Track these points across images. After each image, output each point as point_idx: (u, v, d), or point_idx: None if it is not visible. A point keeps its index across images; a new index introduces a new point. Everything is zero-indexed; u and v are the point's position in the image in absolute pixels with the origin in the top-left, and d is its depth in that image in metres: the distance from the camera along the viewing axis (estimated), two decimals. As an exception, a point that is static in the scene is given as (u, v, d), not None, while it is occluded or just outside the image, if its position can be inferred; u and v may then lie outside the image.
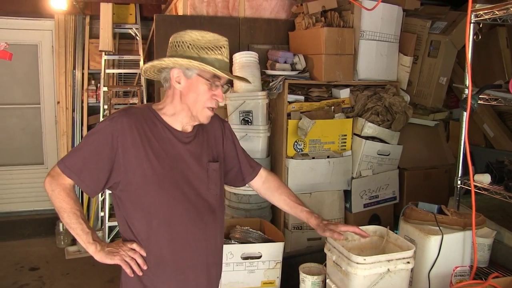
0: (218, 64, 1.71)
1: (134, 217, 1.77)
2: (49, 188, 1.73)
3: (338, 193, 3.67)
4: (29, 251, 5.15)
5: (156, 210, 1.75)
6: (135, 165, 1.71)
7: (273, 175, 2.18)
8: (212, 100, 1.77)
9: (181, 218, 1.79)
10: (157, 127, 1.78)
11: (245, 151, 2.14)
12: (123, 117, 1.73)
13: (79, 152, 1.73)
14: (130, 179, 1.72)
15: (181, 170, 1.80)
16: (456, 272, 2.17)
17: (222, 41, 1.75)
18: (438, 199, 2.60)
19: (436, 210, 2.24)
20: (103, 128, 1.71)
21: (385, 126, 3.62)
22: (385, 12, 3.56)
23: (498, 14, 2.22)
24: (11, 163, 5.90)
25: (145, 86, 5.47)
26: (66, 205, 1.72)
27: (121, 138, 1.69)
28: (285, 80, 3.42)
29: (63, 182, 1.72)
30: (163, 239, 1.78)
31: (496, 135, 3.95)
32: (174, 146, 1.80)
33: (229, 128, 2.08)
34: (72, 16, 5.61)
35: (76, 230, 1.74)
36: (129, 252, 1.76)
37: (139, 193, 1.73)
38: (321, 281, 2.16)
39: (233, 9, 3.97)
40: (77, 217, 1.73)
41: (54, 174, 1.73)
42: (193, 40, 1.73)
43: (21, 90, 5.89)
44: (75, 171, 1.70)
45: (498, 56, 3.82)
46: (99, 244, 1.75)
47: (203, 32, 1.74)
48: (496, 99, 2.36)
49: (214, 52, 1.72)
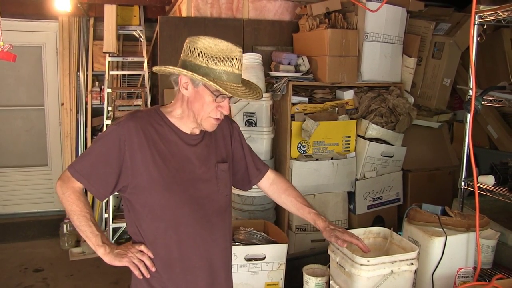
0: (226, 77, 1.67)
1: (143, 220, 1.79)
2: (60, 191, 1.77)
3: (342, 195, 3.67)
4: (33, 252, 5.16)
5: (163, 213, 1.77)
6: (142, 169, 1.73)
7: (280, 177, 2.16)
8: (217, 111, 1.75)
9: (188, 220, 1.79)
10: (164, 130, 1.79)
11: (253, 152, 2.12)
12: (129, 121, 1.74)
13: (88, 156, 1.77)
14: (138, 182, 1.74)
15: (188, 172, 1.80)
16: (460, 274, 2.17)
17: (236, 52, 1.69)
18: (442, 200, 2.60)
19: (440, 211, 2.24)
20: (111, 132, 1.74)
21: (389, 128, 3.61)
22: (389, 14, 3.56)
23: (502, 15, 2.22)
24: (16, 164, 5.92)
25: (149, 87, 5.48)
26: (76, 208, 1.76)
27: (128, 142, 1.71)
28: (289, 81, 3.43)
29: (73, 186, 1.76)
30: (171, 241, 1.79)
31: (500, 137, 3.94)
32: (180, 149, 1.80)
33: (237, 129, 2.07)
34: (76, 18, 5.63)
35: (85, 232, 1.76)
36: (137, 254, 1.77)
37: (146, 196, 1.75)
38: (324, 282, 2.16)
39: (237, 11, 3.97)
40: (87, 219, 1.77)
41: (64, 178, 1.77)
42: (205, 48, 1.67)
43: (26, 92, 5.91)
44: (84, 175, 1.73)
45: (502, 57, 3.81)
46: (108, 247, 1.77)
47: (217, 40, 1.68)
48: (500, 101, 2.36)
49: (224, 63, 1.67)
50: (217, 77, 1.66)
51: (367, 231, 2.18)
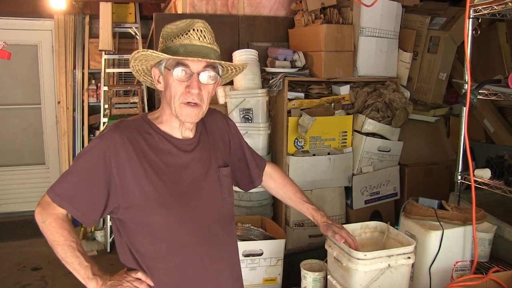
0: (183, 49, 1.51)
1: (140, 243, 1.57)
2: (40, 219, 1.55)
3: (339, 190, 3.67)
4: (31, 251, 5.15)
5: (163, 233, 1.56)
6: (133, 185, 1.52)
7: (277, 171, 2.05)
8: (186, 94, 1.53)
9: (192, 238, 1.59)
10: (154, 139, 1.60)
11: (251, 149, 1.99)
12: (114, 133, 1.54)
13: (69, 176, 1.54)
14: (131, 202, 1.53)
15: (187, 183, 1.61)
16: (457, 267, 2.18)
17: (195, 25, 1.54)
18: (438, 194, 2.60)
19: (437, 205, 2.25)
20: (93, 147, 1.53)
21: (385, 123, 3.62)
22: (384, 9, 3.56)
23: (497, 9, 2.22)
24: (13, 163, 5.92)
25: (145, 85, 5.46)
26: (60, 237, 1.53)
27: (114, 156, 1.51)
28: (285, 77, 3.42)
29: (55, 212, 1.53)
30: (174, 265, 1.59)
31: (496, 130, 3.95)
32: (175, 157, 1.61)
33: (234, 126, 1.90)
34: (72, 16, 5.62)
35: (73, 265, 1.54)
36: (134, 282, 1.56)
37: (141, 216, 1.54)
38: (322, 277, 2.17)
39: (232, 7, 3.96)
40: (73, 249, 1.53)
41: (44, 203, 1.55)
42: (167, 33, 1.57)
43: (22, 91, 5.90)
44: (66, 199, 1.51)
45: (497, 51, 3.82)
46: (101, 279, 1.54)
47: (179, 21, 1.57)
48: (495, 94, 2.36)
49: (180, 37, 1.53)
50: (173, 53, 1.52)
51: (364, 226, 2.18)
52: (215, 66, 1.58)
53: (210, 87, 1.59)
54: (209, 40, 1.56)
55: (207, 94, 1.59)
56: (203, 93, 1.56)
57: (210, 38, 1.57)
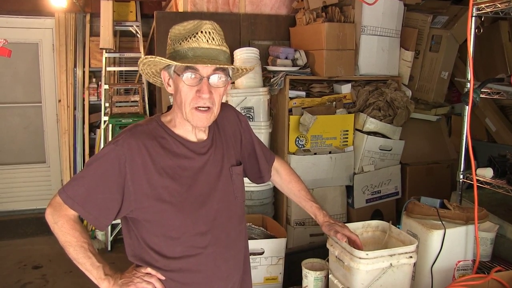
0: (192, 53, 1.50)
1: (153, 242, 1.59)
2: (51, 220, 1.56)
3: (340, 189, 3.67)
4: (32, 249, 5.15)
5: (178, 236, 1.58)
6: (148, 191, 1.53)
7: (284, 166, 2.05)
8: (197, 99, 1.53)
9: (207, 240, 1.62)
10: (169, 143, 1.59)
11: (261, 143, 1.97)
12: (130, 139, 1.53)
13: (83, 180, 1.54)
14: (144, 207, 1.55)
15: (202, 185, 1.62)
16: (458, 266, 2.17)
17: (203, 27, 1.52)
18: (440, 194, 2.60)
19: (439, 204, 2.24)
20: (108, 152, 1.52)
21: (387, 121, 3.61)
22: (386, 7, 3.55)
23: (500, 7, 2.21)
24: (14, 162, 5.90)
25: (146, 83, 5.47)
26: (72, 238, 1.55)
27: (130, 163, 1.51)
28: (286, 76, 3.42)
29: (66, 213, 1.54)
30: (188, 267, 1.61)
31: (498, 130, 3.95)
32: (191, 161, 1.61)
33: (245, 122, 1.89)
34: (73, 14, 5.60)
35: (85, 265, 1.56)
36: (144, 277, 1.58)
37: (156, 220, 1.56)
38: (323, 276, 2.16)
39: (233, 5, 3.95)
40: (85, 250, 1.56)
41: (55, 204, 1.55)
42: (175, 35, 1.55)
43: (23, 89, 5.89)
44: (79, 202, 1.52)
45: (500, 50, 3.81)
46: (112, 278, 1.57)
47: (186, 22, 1.55)
48: (498, 93, 2.35)
49: (188, 40, 1.51)
50: (182, 57, 1.51)
51: (366, 225, 2.17)
52: (224, 68, 1.56)
53: (221, 89, 1.58)
54: (218, 42, 1.54)
55: (219, 97, 1.58)
56: (214, 96, 1.55)
57: (218, 40, 1.55)
